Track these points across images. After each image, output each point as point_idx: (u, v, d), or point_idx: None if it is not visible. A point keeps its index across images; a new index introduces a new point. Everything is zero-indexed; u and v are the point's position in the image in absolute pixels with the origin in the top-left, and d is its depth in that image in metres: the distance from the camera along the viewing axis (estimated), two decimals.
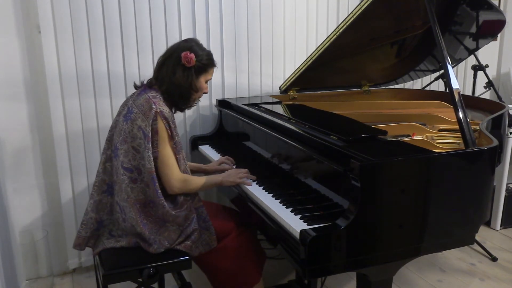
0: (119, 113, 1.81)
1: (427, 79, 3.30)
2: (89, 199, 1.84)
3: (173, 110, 1.84)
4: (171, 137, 1.73)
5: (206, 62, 1.81)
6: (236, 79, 2.81)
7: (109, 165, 1.81)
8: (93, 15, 2.37)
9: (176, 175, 1.75)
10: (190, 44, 1.80)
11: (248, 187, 1.85)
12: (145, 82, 1.86)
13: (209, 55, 1.84)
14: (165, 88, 1.78)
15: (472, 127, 1.69)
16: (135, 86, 1.89)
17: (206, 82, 1.87)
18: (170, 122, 1.72)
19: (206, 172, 2.12)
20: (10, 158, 2.39)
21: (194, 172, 2.12)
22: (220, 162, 2.13)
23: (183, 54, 1.75)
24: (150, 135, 1.68)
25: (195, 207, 1.82)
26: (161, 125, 1.70)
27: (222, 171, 2.03)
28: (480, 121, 2.03)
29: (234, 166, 2.09)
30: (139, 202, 1.74)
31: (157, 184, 1.70)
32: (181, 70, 1.77)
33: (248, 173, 1.91)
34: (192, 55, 1.75)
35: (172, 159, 1.74)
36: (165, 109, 1.72)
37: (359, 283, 1.62)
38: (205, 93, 1.89)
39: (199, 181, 1.83)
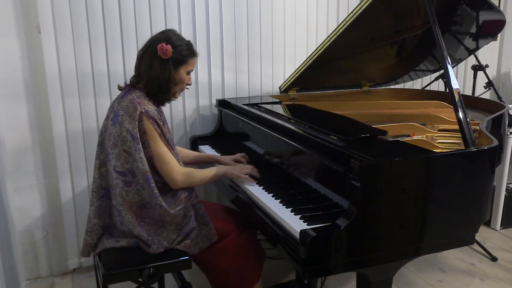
0: (107, 116, 1.80)
1: (427, 79, 3.30)
2: (89, 206, 1.83)
3: (160, 107, 1.82)
4: (162, 134, 1.72)
5: (185, 53, 1.76)
6: (236, 79, 2.81)
7: (104, 170, 1.80)
8: (93, 15, 2.37)
9: (177, 169, 1.74)
10: (167, 35, 1.75)
11: (248, 187, 1.85)
12: (128, 82, 1.84)
13: (188, 45, 1.78)
14: (145, 83, 1.75)
15: (472, 127, 1.69)
16: (119, 88, 1.86)
17: (188, 73, 1.81)
18: (158, 120, 1.70)
19: (219, 163, 2.09)
20: (10, 158, 2.38)
21: (208, 163, 2.15)
22: (235, 158, 2.10)
23: (158, 46, 1.70)
24: (138, 136, 1.67)
25: (192, 203, 1.82)
26: (148, 125, 1.68)
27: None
28: (480, 121, 2.03)
29: None
30: (135, 205, 1.73)
31: (152, 184, 1.69)
32: (158, 62, 1.72)
33: (254, 170, 1.90)
34: (169, 46, 1.70)
35: (168, 155, 1.73)
36: (150, 108, 1.70)
37: (359, 283, 1.62)
38: (189, 85, 1.85)
39: (202, 172, 1.83)
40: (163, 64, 1.73)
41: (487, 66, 3.05)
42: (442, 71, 2.95)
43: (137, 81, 1.79)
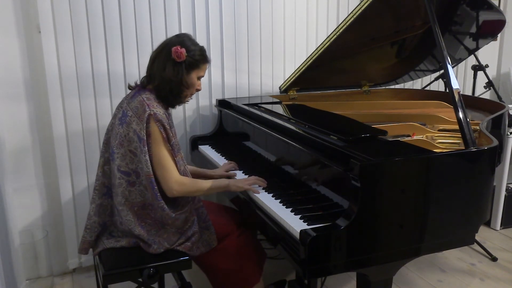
0: (115, 115, 1.79)
1: (427, 79, 3.30)
2: (90, 204, 1.83)
3: (169, 110, 1.82)
4: (167, 139, 1.71)
5: (198, 58, 1.76)
6: (236, 79, 2.81)
7: (108, 168, 1.80)
8: (93, 15, 2.37)
9: (175, 177, 1.71)
10: (182, 39, 1.76)
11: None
12: (138, 82, 1.84)
13: (201, 51, 1.79)
14: (156, 84, 1.75)
15: (472, 127, 1.69)
16: (129, 87, 1.86)
17: (199, 78, 1.82)
18: (165, 124, 1.69)
19: (212, 178, 2.02)
20: (10, 158, 2.38)
21: (198, 178, 2.07)
22: (226, 169, 2.08)
23: (173, 48, 1.71)
24: (145, 138, 1.66)
25: (195, 208, 1.82)
26: (154, 128, 1.67)
27: (228, 177, 1.99)
28: (480, 121, 2.03)
29: (241, 172, 2.07)
30: (137, 205, 1.73)
31: (156, 187, 1.69)
32: (171, 65, 1.72)
33: (258, 179, 1.84)
34: (183, 50, 1.71)
35: (168, 161, 1.71)
36: (159, 111, 1.69)
37: (359, 283, 1.62)
38: (198, 90, 1.85)
39: (202, 184, 1.78)
40: (176, 67, 1.73)
41: (487, 66, 3.05)
42: (442, 71, 2.95)
43: (148, 82, 1.79)
